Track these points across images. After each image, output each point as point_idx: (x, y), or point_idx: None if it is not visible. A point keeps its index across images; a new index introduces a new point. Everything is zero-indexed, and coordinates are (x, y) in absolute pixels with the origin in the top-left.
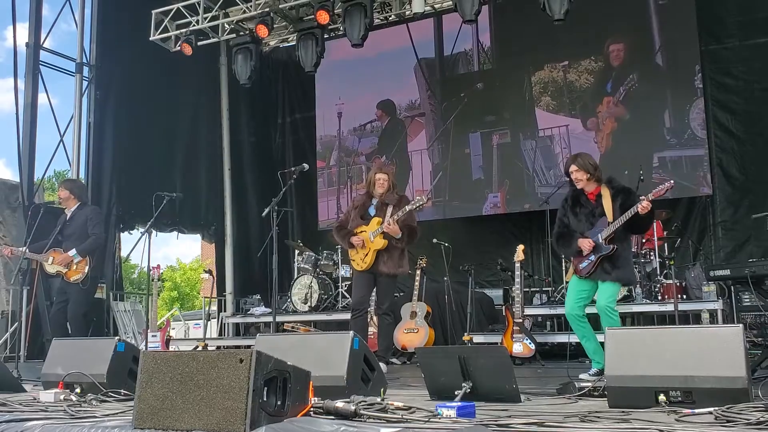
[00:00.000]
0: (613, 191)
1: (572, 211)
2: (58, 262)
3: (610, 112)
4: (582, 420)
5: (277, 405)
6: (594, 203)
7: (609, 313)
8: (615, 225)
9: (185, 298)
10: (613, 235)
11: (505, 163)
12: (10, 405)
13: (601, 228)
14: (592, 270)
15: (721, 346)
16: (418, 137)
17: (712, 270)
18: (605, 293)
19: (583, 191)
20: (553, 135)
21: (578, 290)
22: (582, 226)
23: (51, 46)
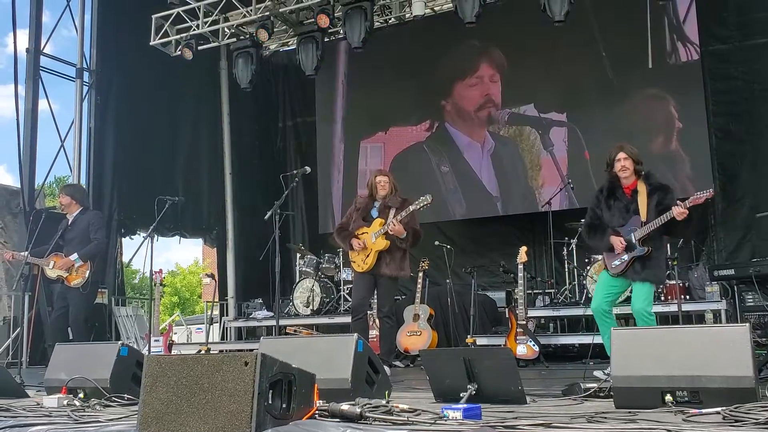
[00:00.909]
0: (649, 188)
1: (606, 203)
2: (59, 266)
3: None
4: (589, 421)
5: (282, 408)
6: (629, 198)
7: (645, 316)
8: (650, 227)
9: (186, 303)
10: (647, 236)
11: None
12: (14, 410)
13: (634, 227)
14: (624, 269)
15: (728, 346)
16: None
17: (716, 270)
18: (640, 296)
19: (619, 184)
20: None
21: (608, 286)
22: (614, 220)
23: (52, 52)
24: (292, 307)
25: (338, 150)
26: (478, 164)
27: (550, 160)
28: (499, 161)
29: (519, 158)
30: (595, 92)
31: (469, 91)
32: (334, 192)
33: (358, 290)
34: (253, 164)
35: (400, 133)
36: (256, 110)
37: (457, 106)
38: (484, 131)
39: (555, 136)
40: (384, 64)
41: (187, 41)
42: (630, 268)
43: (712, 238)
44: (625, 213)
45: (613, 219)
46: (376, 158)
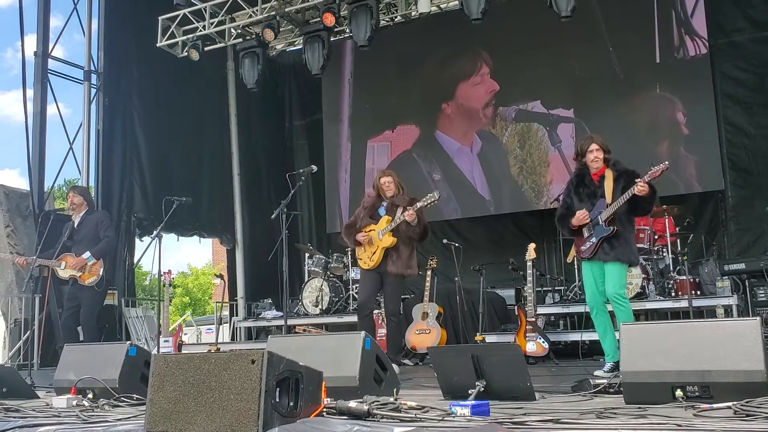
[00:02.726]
0: (616, 173)
1: (575, 192)
2: (73, 266)
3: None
4: (598, 416)
5: (289, 406)
6: (597, 184)
7: (619, 300)
8: (614, 207)
9: (197, 304)
10: (613, 216)
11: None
12: (24, 411)
13: (600, 209)
14: (594, 251)
15: (739, 340)
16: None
17: (727, 264)
18: (611, 279)
19: (588, 172)
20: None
21: (594, 275)
22: (583, 206)
23: (63, 55)
24: (301, 306)
25: (345, 149)
26: (469, 168)
27: (558, 157)
28: (487, 162)
29: (504, 156)
30: (602, 88)
31: (475, 89)
32: (341, 191)
33: (365, 288)
34: (261, 164)
35: (407, 131)
36: (263, 110)
37: (462, 106)
38: (473, 134)
39: (562, 132)
40: (390, 62)
41: (193, 42)
42: (600, 250)
43: (723, 233)
44: (593, 198)
45: (582, 205)
46: (383, 157)
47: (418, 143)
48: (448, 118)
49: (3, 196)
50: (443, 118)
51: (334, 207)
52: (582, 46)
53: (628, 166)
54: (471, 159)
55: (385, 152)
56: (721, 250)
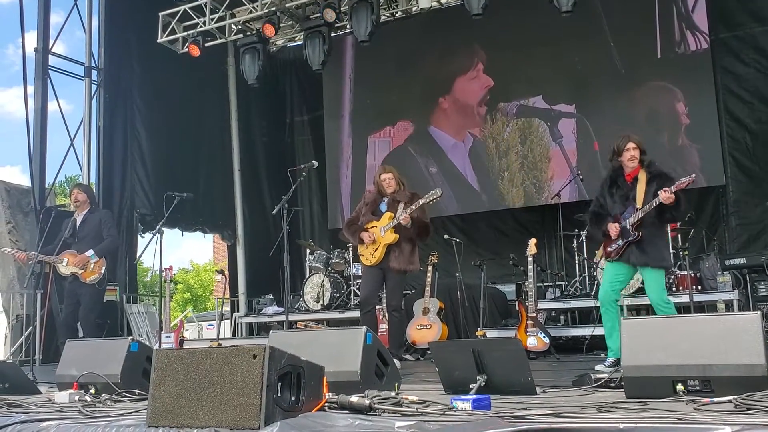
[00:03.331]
0: (649, 175)
1: (609, 192)
2: (76, 263)
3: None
4: (599, 410)
5: (291, 400)
6: (629, 185)
7: (662, 306)
8: (641, 213)
9: (198, 300)
10: (641, 221)
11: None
12: (26, 406)
13: (631, 213)
14: (619, 254)
15: (740, 334)
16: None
17: (727, 259)
18: (651, 285)
19: (622, 172)
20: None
21: (613, 274)
22: (616, 208)
23: (64, 52)
24: (302, 302)
25: (346, 145)
26: (462, 164)
27: (559, 152)
28: (478, 158)
29: (505, 152)
30: (603, 83)
31: (471, 84)
32: (342, 187)
33: (367, 284)
34: (262, 160)
35: (408, 127)
36: (264, 106)
37: (458, 101)
38: (465, 132)
39: (564, 127)
40: (391, 57)
41: (194, 38)
42: (630, 254)
43: (724, 228)
44: (625, 200)
45: (614, 206)
46: (384, 153)
47: (413, 137)
48: (444, 112)
49: (4, 193)
50: (439, 112)
51: (336, 203)
52: (583, 41)
53: (662, 167)
54: (463, 155)
55: (386, 148)
56: (721, 245)
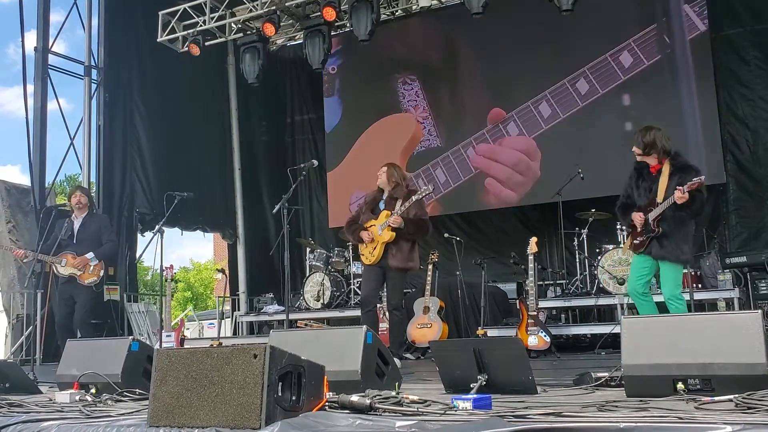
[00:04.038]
0: (672, 168)
1: (635, 184)
2: (76, 264)
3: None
4: (600, 409)
5: (292, 400)
6: (654, 177)
7: (674, 301)
8: (660, 208)
9: (199, 298)
10: (661, 216)
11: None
12: (27, 406)
13: (653, 207)
14: (644, 247)
15: (740, 333)
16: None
17: (728, 257)
18: (666, 279)
19: (647, 164)
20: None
21: (639, 267)
22: (641, 200)
23: (65, 51)
24: (302, 301)
25: (346, 143)
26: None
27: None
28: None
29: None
30: (603, 80)
31: (471, 89)
32: (343, 186)
33: (367, 283)
34: (263, 159)
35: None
36: (264, 105)
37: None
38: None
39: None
40: (390, 56)
41: (194, 37)
42: (652, 246)
43: (724, 226)
44: (649, 193)
45: (640, 198)
46: None
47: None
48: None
49: (4, 192)
50: (444, 113)
51: (336, 202)
52: (581, 38)
53: (688, 159)
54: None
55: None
56: (722, 244)
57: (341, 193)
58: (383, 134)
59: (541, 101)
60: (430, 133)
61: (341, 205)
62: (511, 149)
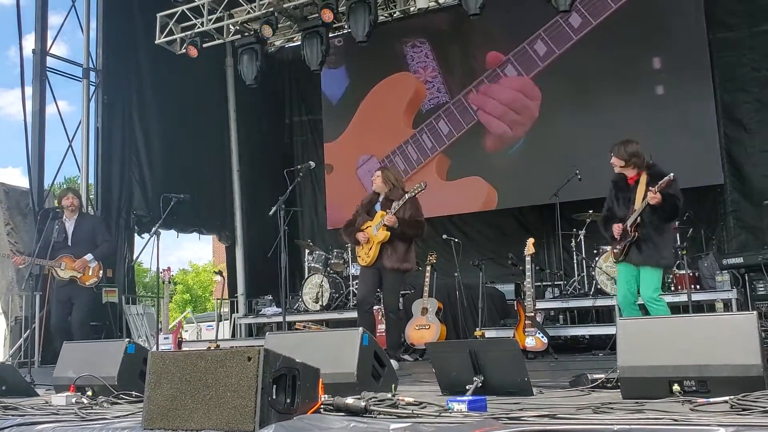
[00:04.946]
0: (648, 178)
1: (615, 196)
2: (76, 267)
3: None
4: (595, 411)
5: (286, 402)
6: (632, 188)
7: (653, 303)
8: (636, 213)
9: (198, 301)
10: (639, 221)
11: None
12: (22, 409)
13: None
14: (623, 255)
15: (735, 334)
16: None
17: (725, 258)
18: (644, 282)
19: (625, 176)
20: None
21: (625, 277)
22: (621, 211)
23: (65, 53)
24: (301, 303)
25: (344, 145)
26: None
27: None
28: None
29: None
30: (601, 82)
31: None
32: (340, 187)
33: (363, 284)
34: (261, 161)
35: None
36: (263, 107)
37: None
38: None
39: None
40: (388, 57)
41: (191, 39)
42: (631, 253)
43: (722, 228)
44: (628, 203)
45: (620, 209)
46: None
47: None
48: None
49: (3, 194)
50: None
51: (334, 203)
52: (581, 41)
53: (664, 169)
54: None
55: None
56: (720, 245)
57: (340, 193)
58: (384, 96)
59: (536, 40)
60: (438, 90)
61: (339, 207)
62: (506, 88)
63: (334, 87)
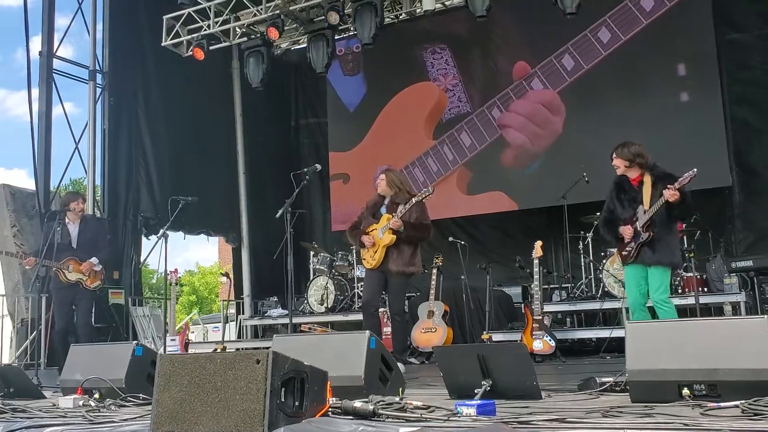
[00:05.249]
0: (653, 178)
1: (617, 198)
2: (83, 270)
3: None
4: (604, 415)
5: (295, 405)
6: (636, 189)
7: (661, 304)
8: (649, 213)
9: (204, 302)
10: (650, 222)
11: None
12: (30, 411)
13: (641, 215)
14: (634, 256)
15: (746, 338)
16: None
17: (734, 261)
18: (654, 282)
19: (627, 177)
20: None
21: (635, 279)
22: (626, 212)
23: (72, 55)
24: (306, 305)
25: (349, 147)
26: None
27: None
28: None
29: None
30: (608, 83)
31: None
32: (346, 190)
33: (368, 287)
34: (267, 163)
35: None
36: (269, 109)
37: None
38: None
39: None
40: (407, 63)
41: (198, 41)
42: (643, 254)
43: (730, 230)
44: (634, 203)
45: (624, 211)
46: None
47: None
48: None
49: (9, 196)
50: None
51: (339, 206)
52: (588, 42)
53: (666, 169)
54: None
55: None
56: (728, 247)
57: (344, 196)
58: (405, 106)
59: (564, 54)
60: (459, 100)
61: (344, 209)
62: (529, 101)
63: (352, 94)
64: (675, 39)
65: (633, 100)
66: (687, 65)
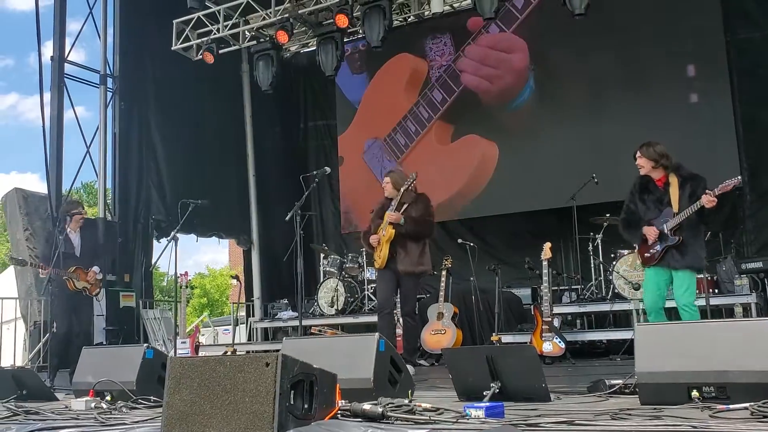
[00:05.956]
0: (680, 179)
1: (640, 198)
2: (89, 279)
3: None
4: (613, 418)
5: (304, 408)
6: (662, 190)
7: (687, 309)
8: (681, 216)
9: (215, 305)
10: (679, 225)
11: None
12: (43, 413)
13: (667, 218)
14: (658, 258)
15: (757, 340)
16: None
17: (745, 263)
18: (682, 286)
19: (651, 178)
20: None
21: (656, 281)
22: (650, 213)
23: (84, 59)
24: (316, 307)
25: (359, 149)
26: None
27: None
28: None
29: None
30: (618, 83)
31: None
32: (356, 191)
33: (382, 288)
34: (277, 166)
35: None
36: (278, 112)
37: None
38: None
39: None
40: (400, 62)
41: (208, 45)
42: (669, 257)
43: (741, 231)
44: (660, 205)
45: (648, 212)
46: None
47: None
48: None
49: (22, 200)
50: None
51: (349, 208)
52: (597, 40)
53: (692, 169)
54: None
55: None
56: (739, 248)
57: (354, 198)
58: (384, 80)
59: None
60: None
61: (354, 211)
62: (480, 46)
63: (356, 92)
64: (685, 40)
65: (641, 101)
66: (696, 66)
